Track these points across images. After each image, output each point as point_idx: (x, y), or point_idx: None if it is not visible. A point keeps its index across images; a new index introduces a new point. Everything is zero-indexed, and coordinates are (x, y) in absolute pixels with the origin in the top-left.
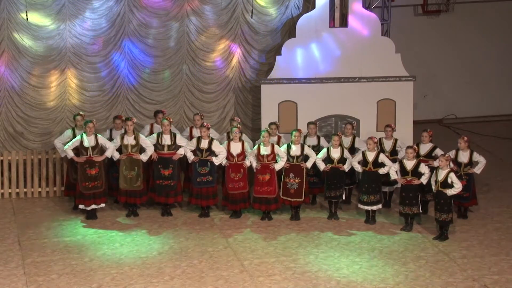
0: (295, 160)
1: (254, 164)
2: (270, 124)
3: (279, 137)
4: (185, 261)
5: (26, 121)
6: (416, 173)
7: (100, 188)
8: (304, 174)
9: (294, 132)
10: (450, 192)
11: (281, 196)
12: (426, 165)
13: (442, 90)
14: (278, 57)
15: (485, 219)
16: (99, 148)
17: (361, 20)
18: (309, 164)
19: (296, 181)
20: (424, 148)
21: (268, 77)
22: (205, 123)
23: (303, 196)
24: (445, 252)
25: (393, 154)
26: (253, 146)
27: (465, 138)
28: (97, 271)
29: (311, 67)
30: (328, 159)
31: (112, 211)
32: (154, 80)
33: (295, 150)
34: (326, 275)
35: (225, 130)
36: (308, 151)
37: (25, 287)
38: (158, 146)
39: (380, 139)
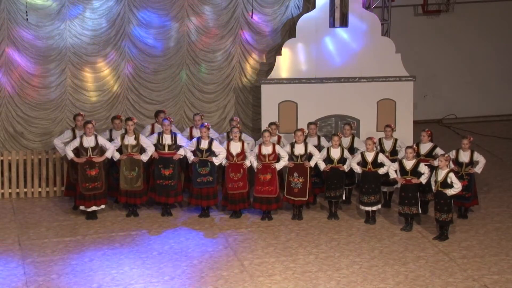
0: (299, 159)
1: (255, 164)
2: (270, 124)
3: (279, 137)
4: (185, 261)
5: (26, 121)
6: (415, 173)
7: (100, 189)
8: (308, 173)
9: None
10: (450, 192)
11: (285, 195)
12: (426, 164)
13: (442, 90)
14: (278, 57)
15: (485, 219)
16: (99, 149)
17: (361, 20)
18: (312, 162)
19: (300, 180)
20: (424, 148)
21: (268, 77)
22: (205, 123)
23: (307, 196)
24: (445, 252)
25: (393, 154)
26: (254, 144)
27: (471, 139)
28: (97, 271)
29: (311, 67)
30: (328, 159)
31: (112, 211)
32: (154, 80)
33: (299, 149)
34: (326, 275)
35: (225, 130)
36: (312, 149)
37: (25, 287)
38: (158, 146)
39: (380, 139)
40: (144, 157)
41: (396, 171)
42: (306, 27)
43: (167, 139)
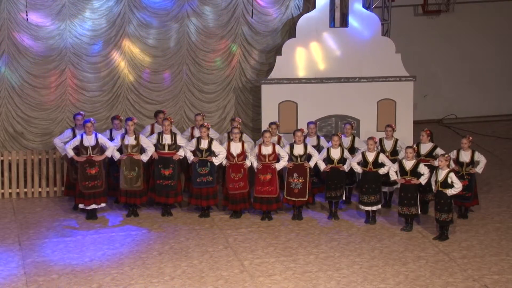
0: (298, 159)
1: (255, 164)
2: (271, 124)
3: (280, 137)
4: (185, 261)
5: (26, 121)
6: (415, 173)
7: (100, 188)
8: (308, 174)
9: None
10: (450, 192)
11: (285, 196)
12: (426, 164)
13: (442, 90)
14: (278, 57)
15: (485, 219)
16: (99, 148)
17: (361, 20)
18: (312, 163)
19: (300, 180)
20: (425, 148)
21: (268, 77)
22: (205, 123)
23: (307, 196)
24: (445, 252)
25: (393, 154)
26: (254, 146)
27: (470, 138)
28: (97, 271)
29: (311, 67)
30: (328, 159)
31: (112, 211)
32: (154, 80)
33: (298, 149)
34: (326, 275)
35: (225, 130)
36: (311, 150)
37: (25, 287)
38: (158, 145)
39: (380, 139)
40: (144, 157)
41: (396, 172)
42: (306, 27)
43: (167, 139)
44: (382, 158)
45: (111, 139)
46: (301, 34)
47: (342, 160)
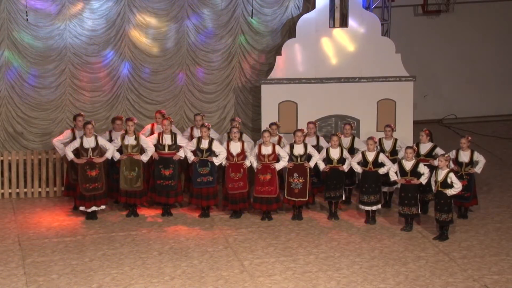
0: (298, 159)
1: (255, 164)
2: (271, 124)
3: (280, 137)
4: (185, 261)
5: (26, 121)
6: (415, 173)
7: (100, 190)
8: (308, 174)
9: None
10: (450, 192)
11: (285, 196)
12: (426, 164)
13: (442, 90)
14: (278, 57)
15: (485, 219)
16: (99, 150)
17: (361, 20)
18: (312, 163)
19: (300, 180)
20: (424, 148)
21: (268, 77)
22: (205, 123)
23: (307, 196)
24: (445, 252)
25: (393, 154)
26: (254, 146)
27: (469, 138)
28: (97, 271)
29: (311, 67)
30: (327, 160)
31: (112, 211)
32: (154, 80)
33: (299, 149)
34: (326, 275)
35: (225, 130)
36: (311, 150)
37: (25, 287)
38: (158, 146)
39: (380, 139)
40: (144, 158)
41: (396, 172)
42: (306, 27)
43: (167, 139)
44: (382, 158)
45: (111, 140)
46: (301, 34)
47: (342, 160)
